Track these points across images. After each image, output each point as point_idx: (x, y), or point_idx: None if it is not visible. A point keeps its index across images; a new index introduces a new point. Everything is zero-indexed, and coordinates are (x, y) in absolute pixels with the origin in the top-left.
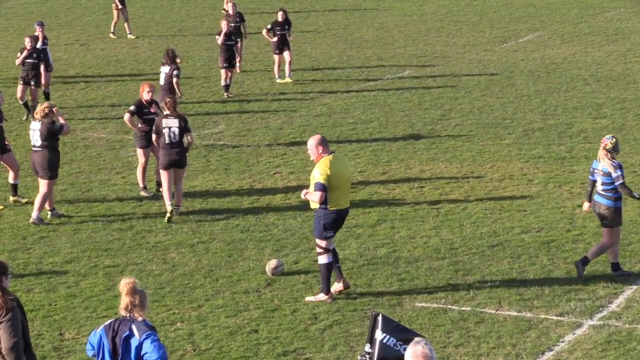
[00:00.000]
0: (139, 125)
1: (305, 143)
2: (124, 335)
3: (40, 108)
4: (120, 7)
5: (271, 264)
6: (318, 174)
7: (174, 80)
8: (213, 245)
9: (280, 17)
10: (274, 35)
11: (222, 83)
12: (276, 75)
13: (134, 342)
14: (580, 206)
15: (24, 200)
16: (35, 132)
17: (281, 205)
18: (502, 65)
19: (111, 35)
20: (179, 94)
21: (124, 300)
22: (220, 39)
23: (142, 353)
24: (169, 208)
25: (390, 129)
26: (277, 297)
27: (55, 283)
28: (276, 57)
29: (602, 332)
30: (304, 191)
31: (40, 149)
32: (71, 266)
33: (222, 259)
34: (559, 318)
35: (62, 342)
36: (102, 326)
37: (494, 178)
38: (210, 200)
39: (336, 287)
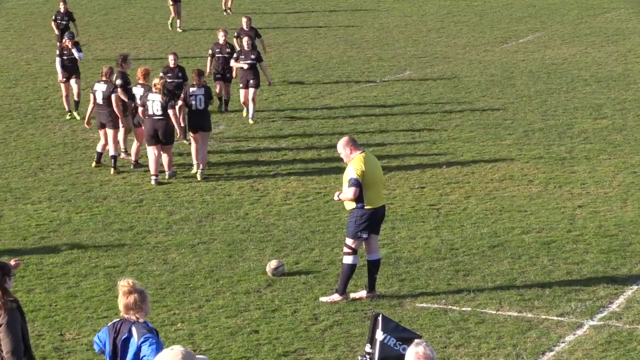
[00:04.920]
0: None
1: (305, 142)
2: (124, 337)
3: (160, 82)
4: (173, 2)
5: (272, 264)
6: (352, 170)
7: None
8: (213, 246)
9: (246, 44)
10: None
11: (216, 92)
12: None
13: (132, 344)
14: (580, 207)
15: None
16: (155, 103)
17: (281, 205)
18: (502, 65)
19: (170, 28)
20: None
21: (122, 301)
22: (208, 66)
23: (140, 356)
24: (195, 167)
25: (390, 129)
26: (277, 298)
27: (55, 283)
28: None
29: (602, 333)
30: (336, 194)
31: (162, 117)
32: (71, 267)
33: (223, 259)
34: (559, 318)
35: (62, 343)
36: (108, 326)
37: (495, 179)
38: (211, 201)
39: (360, 293)
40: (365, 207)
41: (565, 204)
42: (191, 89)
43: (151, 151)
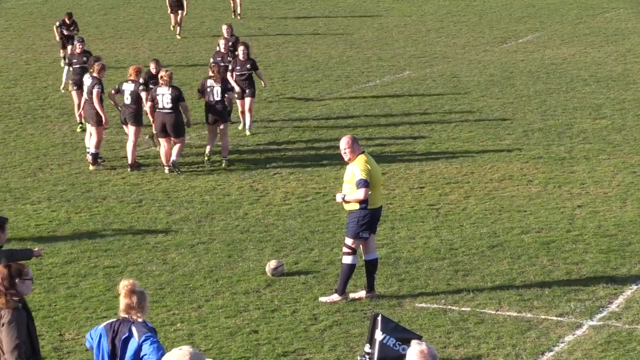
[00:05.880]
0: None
1: (304, 142)
2: (124, 336)
3: (167, 74)
4: (172, 11)
5: (271, 264)
6: (359, 171)
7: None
8: (213, 246)
9: (241, 54)
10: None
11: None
12: (242, 123)
13: (132, 344)
14: (580, 206)
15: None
16: (165, 97)
17: (281, 205)
18: (501, 65)
19: (177, 37)
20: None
21: (124, 301)
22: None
23: (141, 355)
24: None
25: (390, 129)
26: (277, 298)
27: (55, 284)
28: (238, 101)
29: (602, 333)
30: (338, 195)
31: (170, 111)
32: (71, 267)
33: (222, 259)
34: (558, 318)
35: (62, 343)
36: (104, 325)
37: (494, 178)
38: (210, 201)
39: (359, 293)
40: (368, 208)
41: (565, 204)
42: (208, 81)
43: (163, 142)
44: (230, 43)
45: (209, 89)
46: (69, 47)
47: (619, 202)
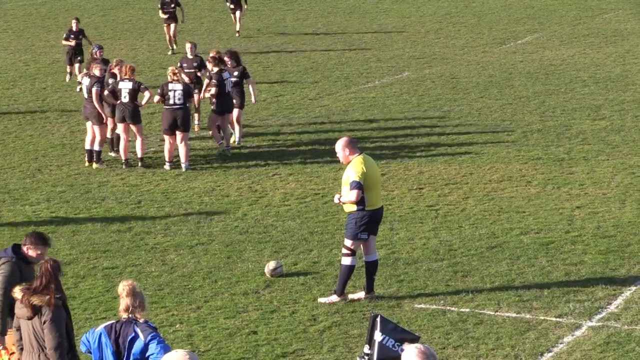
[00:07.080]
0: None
1: (303, 143)
2: (129, 337)
3: (178, 71)
4: (167, 23)
5: (270, 265)
6: (353, 173)
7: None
8: (212, 247)
9: (229, 62)
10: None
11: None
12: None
13: (139, 344)
14: (579, 207)
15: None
16: (177, 92)
17: (280, 206)
18: (500, 66)
19: (169, 53)
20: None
21: (124, 301)
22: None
23: (147, 354)
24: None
25: (388, 130)
26: (276, 299)
27: None
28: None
29: (600, 334)
30: (336, 196)
31: (181, 106)
32: (70, 268)
33: (221, 260)
34: (557, 319)
35: None
36: (103, 326)
37: (493, 179)
38: (209, 202)
39: (358, 294)
40: (367, 209)
41: (564, 204)
42: (222, 75)
43: (167, 139)
44: (195, 64)
45: (226, 81)
46: (76, 66)
47: (617, 203)
